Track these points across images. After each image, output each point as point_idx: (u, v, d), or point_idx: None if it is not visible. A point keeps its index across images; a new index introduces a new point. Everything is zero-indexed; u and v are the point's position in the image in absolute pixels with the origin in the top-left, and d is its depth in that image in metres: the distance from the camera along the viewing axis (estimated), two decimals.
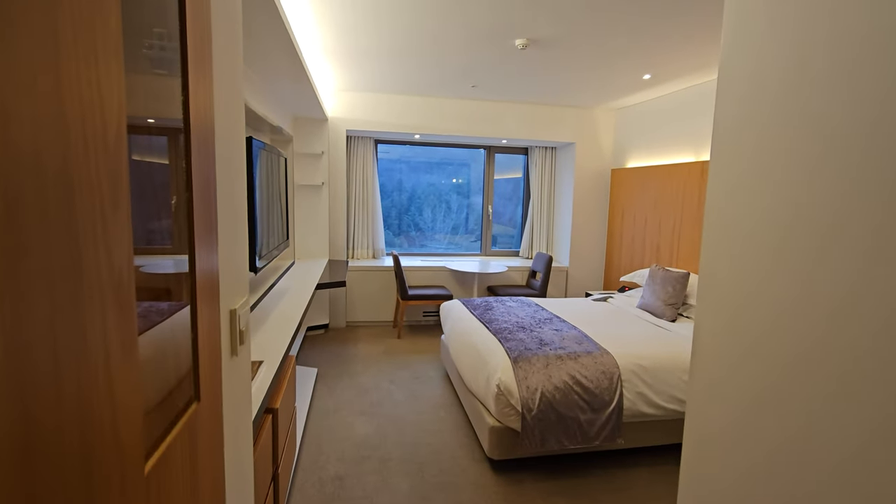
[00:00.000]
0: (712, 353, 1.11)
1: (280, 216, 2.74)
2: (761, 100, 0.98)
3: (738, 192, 1.05)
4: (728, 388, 1.07)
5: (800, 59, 0.89)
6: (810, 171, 0.87)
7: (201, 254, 0.66)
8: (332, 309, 4.83)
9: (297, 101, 3.62)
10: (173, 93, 0.64)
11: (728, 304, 1.06)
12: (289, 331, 2.18)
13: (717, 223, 1.11)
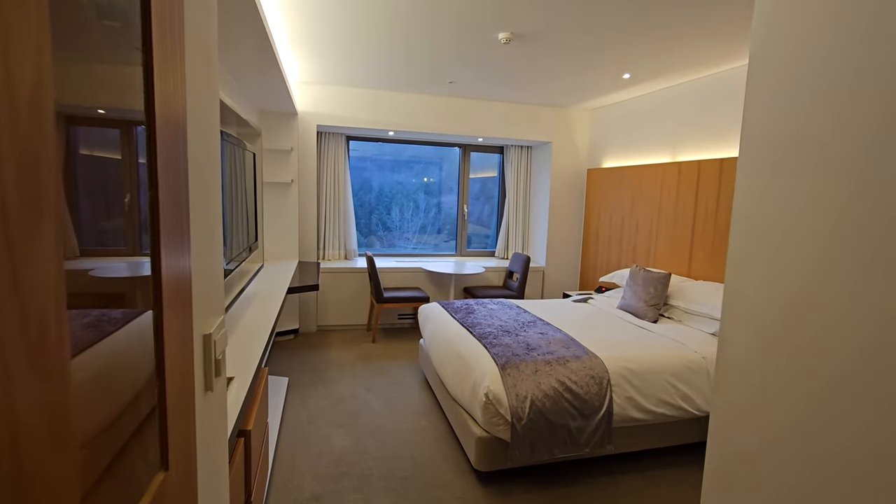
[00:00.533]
0: (741, 369, 1.03)
1: (248, 216, 2.53)
2: (801, 84, 0.90)
3: (771, 191, 0.97)
4: (759, 407, 0.99)
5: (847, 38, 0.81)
6: (862, 163, 0.79)
7: (169, 263, 0.51)
8: (303, 313, 4.61)
9: (265, 93, 3.40)
10: (134, 77, 0.49)
11: (760, 317, 0.98)
12: (261, 341, 2.00)
13: (747, 227, 1.03)
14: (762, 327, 0.98)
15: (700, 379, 2.54)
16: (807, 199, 0.89)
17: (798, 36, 0.91)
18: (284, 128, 4.22)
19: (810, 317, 0.88)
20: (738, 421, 1.04)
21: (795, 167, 0.91)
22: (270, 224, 4.29)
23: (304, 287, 3.29)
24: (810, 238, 0.88)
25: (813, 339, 0.88)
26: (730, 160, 3.27)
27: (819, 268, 0.87)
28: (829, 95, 0.85)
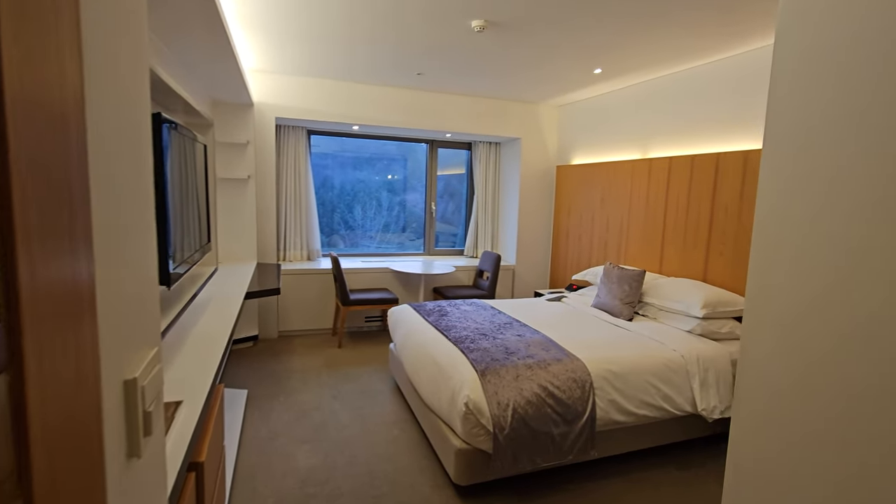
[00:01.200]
0: (764, 376, 0.93)
1: (200, 214, 2.28)
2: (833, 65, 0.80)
3: (802, 185, 0.87)
4: (783, 412, 0.89)
5: None
6: None
7: (40, 274, 0.33)
8: (262, 318, 4.32)
9: (217, 80, 3.12)
10: None
11: (788, 321, 0.89)
12: (215, 354, 1.78)
13: (772, 223, 0.93)
14: (787, 328, 0.88)
15: (679, 378, 2.50)
16: (839, 190, 0.79)
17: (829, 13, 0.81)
18: (240, 120, 3.92)
19: (840, 317, 0.79)
20: (760, 427, 0.94)
21: (829, 154, 0.81)
22: (226, 223, 3.99)
23: (264, 291, 3.05)
24: (841, 233, 0.78)
25: (843, 341, 0.78)
26: (701, 157, 3.27)
27: (850, 265, 0.77)
28: (863, 74, 0.75)
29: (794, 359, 0.88)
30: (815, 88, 0.84)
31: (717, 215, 3.16)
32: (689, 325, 2.85)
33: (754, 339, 0.95)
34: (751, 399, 0.97)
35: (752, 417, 0.97)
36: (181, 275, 1.80)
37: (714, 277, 3.18)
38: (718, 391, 2.54)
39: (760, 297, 0.94)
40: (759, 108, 2.94)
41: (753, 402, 0.96)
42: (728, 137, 3.14)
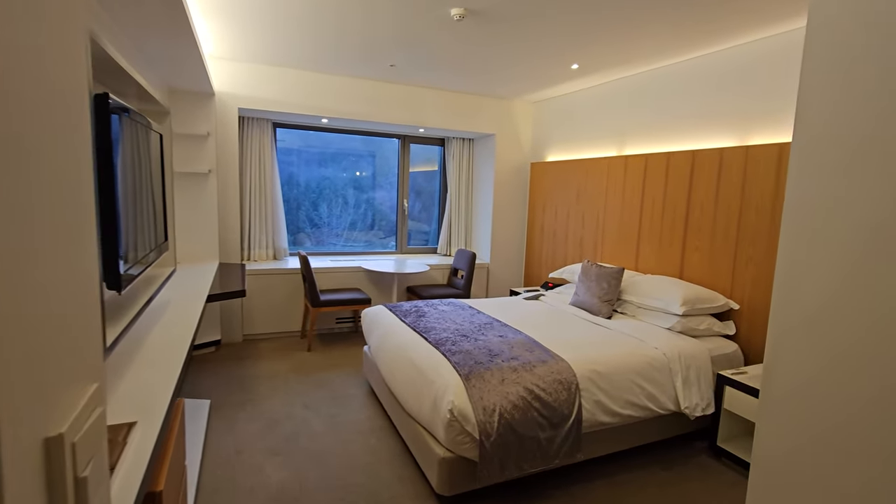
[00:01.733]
0: (792, 368, 0.87)
1: (155, 210, 2.06)
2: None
3: (838, 170, 0.80)
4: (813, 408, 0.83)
5: None
6: None
7: None
8: (226, 321, 4.07)
9: (174, 66, 2.87)
10: None
11: (815, 312, 0.82)
12: (174, 365, 1.60)
13: (803, 220, 0.86)
14: (814, 319, 0.82)
15: (663, 376, 2.47)
16: (872, 177, 0.73)
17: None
18: (200, 109, 3.66)
19: (870, 306, 0.72)
20: (787, 420, 0.88)
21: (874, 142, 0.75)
22: (185, 221, 3.72)
23: (228, 294, 2.84)
24: (868, 222, 0.72)
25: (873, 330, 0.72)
26: (677, 153, 3.28)
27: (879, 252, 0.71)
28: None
29: (821, 349, 0.82)
30: (850, 69, 0.78)
31: (692, 212, 3.17)
32: (668, 322, 2.84)
33: (783, 330, 0.89)
34: (777, 396, 0.90)
35: (779, 411, 0.90)
36: (134, 277, 1.61)
37: (690, 274, 3.20)
38: (700, 388, 2.53)
39: (790, 293, 0.87)
40: (734, 105, 2.97)
41: (781, 395, 0.89)
42: (704, 134, 3.16)
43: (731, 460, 2.50)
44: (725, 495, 2.26)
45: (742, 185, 2.86)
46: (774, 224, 2.68)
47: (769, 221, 2.71)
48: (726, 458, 2.54)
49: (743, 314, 2.87)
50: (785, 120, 2.68)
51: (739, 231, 2.87)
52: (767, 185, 2.72)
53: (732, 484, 2.36)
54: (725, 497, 2.25)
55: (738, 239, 2.88)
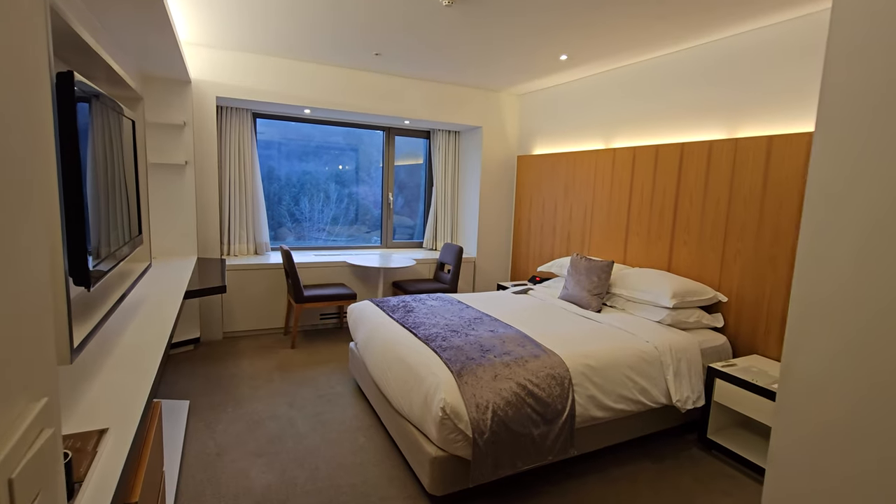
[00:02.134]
0: (812, 383, 0.83)
1: (129, 201, 1.94)
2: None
3: (864, 168, 0.76)
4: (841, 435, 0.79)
5: None
6: None
7: None
8: (205, 318, 3.93)
9: (148, 51, 2.73)
10: None
11: (842, 304, 0.78)
12: (150, 365, 1.50)
13: (827, 214, 0.81)
14: (843, 335, 0.78)
15: (654, 370, 2.46)
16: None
17: None
18: (175, 98, 3.50)
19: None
20: (805, 412, 0.84)
21: None
22: (161, 214, 3.57)
23: (208, 290, 2.72)
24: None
25: None
26: (665, 146, 3.27)
27: None
28: None
29: (840, 333, 0.78)
30: (879, 55, 0.73)
31: (681, 205, 3.17)
32: (658, 315, 2.83)
33: (801, 348, 0.85)
34: (796, 408, 0.86)
35: (797, 398, 0.86)
36: (105, 273, 1.50)
37: (679, 267, 3.19)
38: (691, 381, 2.53)
39: (809, 303, 0.83)
40: (723, 97, 2.96)
41: (800, 381, 0.86)
42: (693, 127, 3.15)
43: (721, 452, 2.50)
44: (717, 487, 2.26)
45: (731, 177, 2.85)
46: (763, 217, 2.69)
47: (758, 214, 2.71)
48: (716, 451, 2.55)
49: (731, 307, 2.88)
50: (775, 112, 2.68)
51: (728, 224, 2.87)
52: (756, 178, 2.72)
53: (723, 475, 2.36)
54: (717, 489, 2.25)
55: (727, 232, 2.88)
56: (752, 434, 2.61)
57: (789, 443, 0.87)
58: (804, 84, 2.54)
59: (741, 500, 2.18)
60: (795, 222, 2.53)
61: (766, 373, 2.45)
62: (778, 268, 2.62)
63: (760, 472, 2.32)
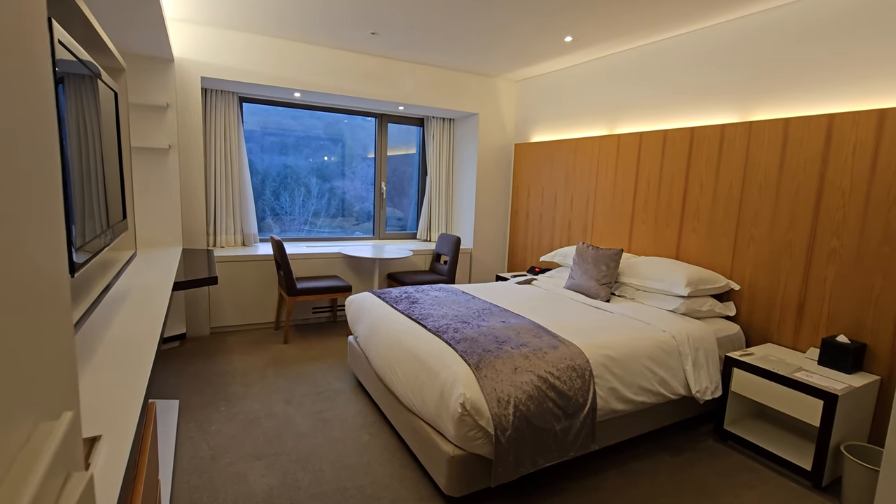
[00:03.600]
0: None
1: (111, 180, 1.75)
2: None
3: None
4: None
5: None
6: None
7: None
8: (191, 313, 3.72)
9: (128, 24, 2.50)
10: None
11: None
12: (142, 364, 1.33)
13: None
14: None
15: (673, 360, 2.37)
16: None
17: None
18: (158, 77, 3.27)
19: None
20: None
21: None
22: (143, 202, 3.34)
23: (198, 281, 2.53)
24: None
25: None
26: (673, 131, 3.18)
27: None
28: None
29: None
30: None
31: (690, 191, 3.09)
32: (671, 304, 2.75)
33: None
34: None
35: None
36: (90, 258, 1.32)
37: (688, 255, 3.12)
38: (709, 371, 2.45)
39: None
40: (735, 80, 2.88)
41: None
42: (703, 111, 3.07)
43: (738, 443, 2.44)
44: (739, 480, 2.19)
45: (745, 162, 2.78)
46: (779, 202, 2.62)
47: (773, 200, 2.65)
48: (732, 441, 2.48)
49: (743, 294, 2.81)
50: (790, 94, 2.61)
51: (741, 210, 2.80)
52: (772, 162, 2.65)
53: (743, 467, 2.29)
54: (739, 481, 2.18)
55: (740, 218, 2.81)
56: (767, 424, 2.55)
57: None
58: (821, 65, 2.47)
59: (765, 493, 2.12)
60: (814, 207, 2.47)
61: (785, 361, 2.39)
62: (794, 254, 2.56)
63: (779, 462, 2.26)
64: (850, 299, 2.34)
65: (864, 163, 2.27)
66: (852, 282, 2.33)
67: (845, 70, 2.37)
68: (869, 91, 2.29)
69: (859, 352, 2.27)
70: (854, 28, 2.33)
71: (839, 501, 2.07)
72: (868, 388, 2.19)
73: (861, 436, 2.25)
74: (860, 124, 2.28)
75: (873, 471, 1.93)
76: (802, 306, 2.53)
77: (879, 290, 2.24)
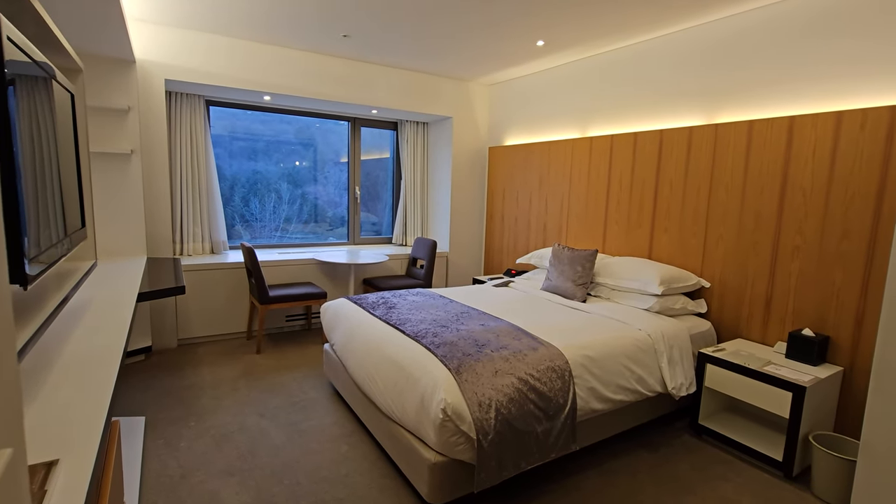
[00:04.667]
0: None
1: (68, 186, 1.65)
2: None
3: None
4: None
5: None
6: None
7: None
8: (156, 324, 3.57)
9: (87, 24, 2.39)
10: None
11: None
12: (105, 379, 1.25)
13: None
14: None
15: (649, 358, 2.41)
16: None
17: None
18: (118, 79, 3.13)
19: None
20: None
21: None
22: (104, 209, 3.19)
23: (163, 291, 2.42)
24: None
25: None
26: (644, 133, 3.25)
27: None
28: None
29: None
30: None
31: (661, 192, 3.16)
32: (646, 303, 2.80)
33: None
34: None
35: None
36: (45, 269, 1.23)
37: (659, 254, 3.19)
38: (683, 368, 2.50)
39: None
40: (700, 83, 2.97)
41: None
42: (672, 114, 3.15)
43: (713, 437, 2.49)
44: (714, 473, 2.24)
45: (712, 163, 2.86)
46: (745, 202, 2.71)
47: (739, 199, 2.73)
48: (707, 435, 2.54)
49: (713, 292, 2.89)
50: (754, 97, 2.70)
51: (710, 210, 2.88)
52: (737, 163, 2.73)
53: (718, 461, 2.34)
54: (715, 475, 2.22)
55: (709, 218, 2.89)
56: (740, 417, 2.62)
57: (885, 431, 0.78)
58: (781, 68, 2.57)
59: (739, 484, 2.16)
60: (777, 206, 2.56)
61: (755, 356, 2.46)
62: (760, 252, 2.64)
63: (753, 454, 2.32)
64: (814, 294, 2.43)
65: (823, 163, 2.37)
66: (815, 277, 2.42)
67: (805, 73, 2.47)
68: (828, 93, 2.39)
69: (823, 344, 2.35)
70: (812, 32, 2.43)
71: (809, 489, 2.14)
72: (832, 379, 2.27)
73: (827, 425, 2.33)
74: (819, 126, 2.38)
75: (841, 459, 2.00)
76: (769, 302, 2.62)
77: (840, 284, 2.33)
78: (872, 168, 2.21)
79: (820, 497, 2.08)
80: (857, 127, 2.24)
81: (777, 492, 2.12)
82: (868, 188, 2.22)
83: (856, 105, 2.30)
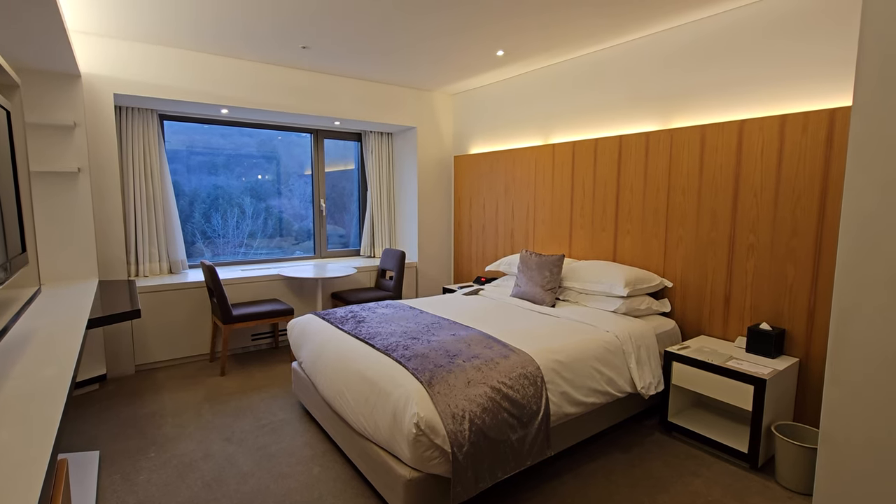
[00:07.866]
0: (865, 345, 0.77)
1: (5, 213, 1.54)
2: None
3: None
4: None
5: None
6: None
7: None
8: (111, 351, 3.38)
9: (25, 35, 2.26)
10: None
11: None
12: (50, 415, 1.16)
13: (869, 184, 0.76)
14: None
15: (618, 359, 2.45)
16: None
17: None
18: (62, 94, 2.97)
19: None
20: (858, 406, 0.79)
21: None
22: (49, 232, 3.01)
23: (116, 316, 2.29)
24: None
25: None
26: (604, 140, 3.34)
27: None
28: None
29: None
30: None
31: (623, 196, 3.25)
32: (612, 305, 2.85)
33: (854, 311, 0.79)
34: (850, 373, 0.80)
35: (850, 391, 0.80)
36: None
37: (623, 257, 3.26)
38: (651, 367, 2.55)
39: (858, 295, 0.78)
40: (656, 90, 3.07)
41: (853, 377, 0.80)
42: (630, 119, 3.24)
43: (682, 433, 2.55)
44: (685, 469, 2.29)
45: (668, 167, 2.96)
46: (701, 204, 2.81)
47: (696, 201, 2.83)
48: (676, 432, 2.59)
49: (676, 291, 2.98)
50: (705, 102, 2.82)
51: (669, 212, 2.97)
52: (692, 167, 2.84)
53: (688, 456, 2.40)
54: (686, 470, 2.27)
55: (668, 220, 2.98)
56: (707, 413, 2.70)
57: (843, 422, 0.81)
58: (731, 74, 2.69)
59: (709, 478, 2.22)
60: (731, 207, 2.67)
61: (717, 352, 2.54)
62: (718, 251, 2.74)
63: (721, 448, 2.38)
64: (769, 289, 2.54)
65: (770, 165, 2.49)
66: (769, 273, 2.53)
67: (753, 77, 2.60)
68: (774, 97, 2.52)
69: (780, 337, 2.46)
70: (761, 37, 2.57)
71: (774, 479, 2.21)
72: (790, 370, 2.37)
73: (787, 415, 2.43)
74: (765, 129, 2.50)
75: (801, 447, 2.07)
76: (729, 299, 2.71)
77: (792, 279, 2.44)
78: (815, 169, 2.33)
79: (784, 485, 2.15)
80: (800, 129, 2.37)
81: (745, 483, 2.18)
82: (812, 188, 2.35)
83: (798, 108, 2.43)
